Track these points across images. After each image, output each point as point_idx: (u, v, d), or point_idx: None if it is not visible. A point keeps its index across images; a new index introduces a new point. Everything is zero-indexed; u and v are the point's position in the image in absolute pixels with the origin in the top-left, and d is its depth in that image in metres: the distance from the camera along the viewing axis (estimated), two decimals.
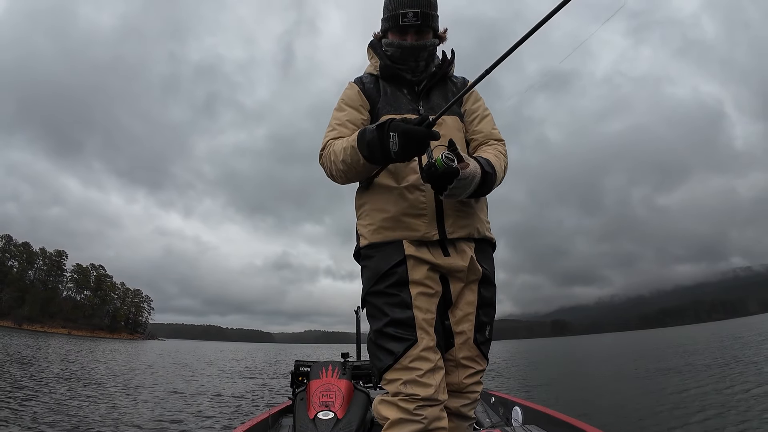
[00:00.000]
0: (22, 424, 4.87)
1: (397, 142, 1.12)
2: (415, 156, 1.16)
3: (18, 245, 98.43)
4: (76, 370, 12.10)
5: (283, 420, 2.89)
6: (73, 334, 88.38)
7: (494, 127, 1.47)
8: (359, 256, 1.39)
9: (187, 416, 5.95)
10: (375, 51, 1.49)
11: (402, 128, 1.11)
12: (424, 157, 1.21)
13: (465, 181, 1.15)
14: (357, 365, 2.81)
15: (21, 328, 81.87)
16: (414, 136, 1.10)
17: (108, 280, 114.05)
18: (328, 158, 1.33)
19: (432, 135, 1.12)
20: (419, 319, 1.22)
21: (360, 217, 1.40)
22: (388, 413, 1.18)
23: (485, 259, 1.37)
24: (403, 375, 1.18)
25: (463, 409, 1.32)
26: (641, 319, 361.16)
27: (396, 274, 1.26)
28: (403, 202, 1.29)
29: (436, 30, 1.43)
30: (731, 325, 60.21)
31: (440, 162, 1.11)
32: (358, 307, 3.59)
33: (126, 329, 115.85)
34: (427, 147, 1.15)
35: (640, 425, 4.94)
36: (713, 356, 12.70)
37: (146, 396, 7.80)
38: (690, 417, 5.00)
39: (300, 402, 2.40)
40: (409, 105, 1.41)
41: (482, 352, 1.33)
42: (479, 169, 1.21)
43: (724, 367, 9.64)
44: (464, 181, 1.15)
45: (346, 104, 1.43)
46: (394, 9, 1.38)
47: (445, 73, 1.47)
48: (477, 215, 1.36)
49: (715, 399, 5.95)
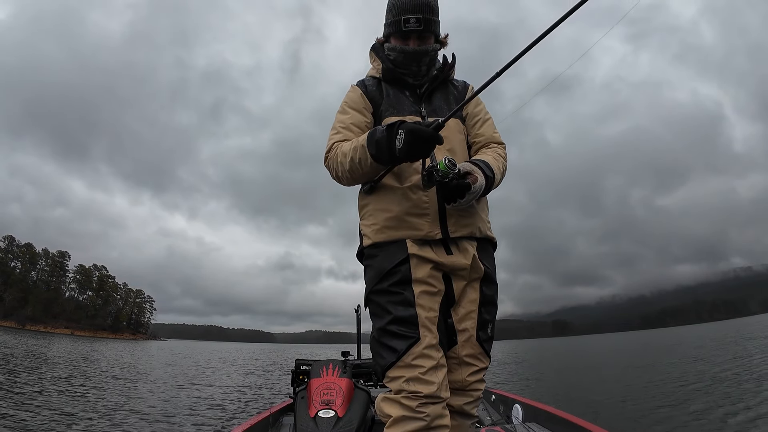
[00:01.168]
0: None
1: (403, 139, 1.15)
2: (420, 157, 1.19)
3: (21, 246, 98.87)
4: (79, 370, 12.16)
5: (284, 419, 2.91)
6: (76, 335, 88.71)
7: (495, 130, 1.50)
8: (363, 256, 1.41)
9: (187, 415, 5.97)
10: (377, 54, 1.52)
11: (410, 127, 1.15)
12: (428, 161, 1.23)
13: (474, 195, 1.22)
14: (357, 364, 2.81)
15: (24, 329, 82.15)
16: (421, 134, 1.13)
17: (110, 280, 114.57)
18: (335, 159, 1.35)
19: (438, 138, 1.15)
20: (422, 317, 1.23)
21: (363, 218, 1.41)
22: (390, 411, 1.19)
23: (487, 258, 1.39)
24: (405, 372, 1.19)
25: (466, 407, 1.33)
26: (642, 319, 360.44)
27: (399, 273, 1.27)
28: (406, 202, 1.31)
29: (437, 35, 1.46)
30: (733, 325, 60.04)
31: (443, 166, 1.14)
32: (359, 305, 3.67)
33: (128, 329, 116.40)
34: (433, 149, 1.18)
35: (641, 423, 4.95)
36: (715, 356, 12.64)
37: (146, 395, 7.82)
38: (691, 417, 5.00)
39: (301, 400, 2.40)
40: (411, 107, 1.43)
41: (485, 349, 1.35)
42: (484, 181, 1.25)
43: (725, 367, 9.61)
44: (473, 195, 1.21)
45: (350, 107, 1.45)
46: (397, 14, 1.41)
47: (446, 77, 1.50)
48: (478, 215, 1.38)
49: (716, 399, 5.92)
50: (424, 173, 1.19)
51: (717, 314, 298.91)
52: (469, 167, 1.25)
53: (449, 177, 1.16)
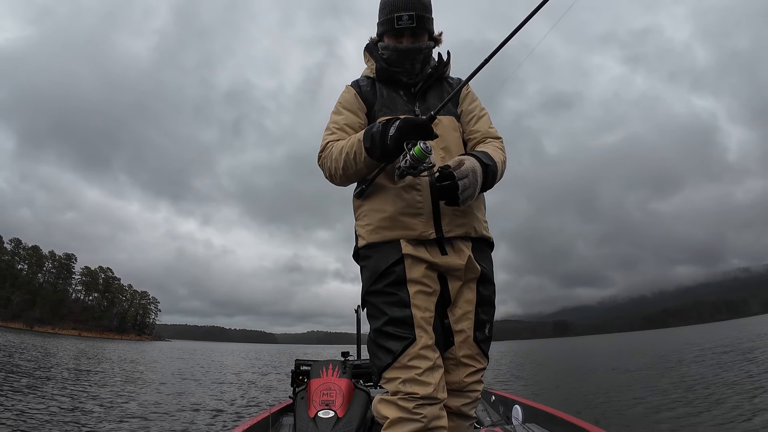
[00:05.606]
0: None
1: (396, 126, 1.16)
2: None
3: (27, 248, 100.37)
4: (81, 369, 12.11)
5: (284, 419, 2.89)
6: (83, 336, 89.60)
7: (491, 126, 1.49)
8: (358, 257, 1.40)
9: (187, 415, 5.95)
10: (371, 54, 1.52)
11: (405, 118, 1.18)
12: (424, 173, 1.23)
13: (468, 178, 1.18)
14: (357, 364, 2.78)
15: (32, 330, 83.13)
16: (413, 121, 1.16)
17: (116, 282, 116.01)
18: (329, 157, 1.36)
19: (429, 127, 1.16)
20: (418, 318, 1.22)
21: (358, 219, 1.41)
22: (387, 412, 1.18)
23: (483, 258, 1.38)
24: (402, 374, 1.18)
25: (464, 408, 1.32)
26: (644, 320, 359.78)
27: (394, 273, 1.26)
28: (400, 202, 1.30)
29: (431, 32, 1.45)
30: (736, 325, 59.37)
31: (418, 149, 1.12)
32: (358, 306, 3.57)
33: (134, 330, 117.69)
34: (424, 137, 1.17)
35: (642, 423, 4.90)
36: (718, 356, 12.62)
37: (147, 395, 7.80)
38: (691, 417, 4.96)
39: (300, 401, 2.39)
40: (405, 106, 1.43)
41: (482, 350, 1.33)
42: (476, 161, 1.23)
43: (728, 367, 9.58)
44: (466, 178, 1.18)
45: (344, 107, 1.46)
46: (390, 12, 1.41)
47: (441, 75, 1.49)
48: (474, 214, 1.36)
49: (719, 399, 5.88)
50: (402, 168, 1.18)
51: (718, 314, 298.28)
52: (456, 159, 1.22)
53: (424, 163, 1.15)
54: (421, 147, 1.12)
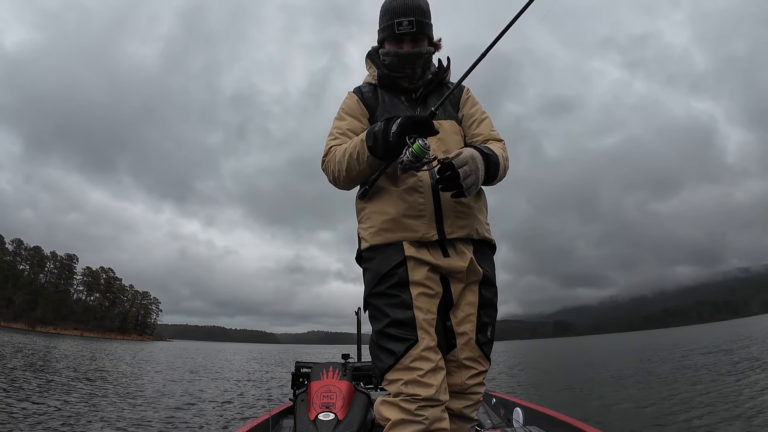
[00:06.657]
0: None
1: (398, 123, 1.18)
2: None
3: (29, 249, 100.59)
4: (82, 370, 12.08)
5: (284, 421, 2.87)
6: (85, 336, 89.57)
7: (493, 128, 1.50)
8: (361, 259, 1.41)
9: (187, 417, 5.93)
10: (373, 61, 1.54)
11: (406, 114, 1.20)
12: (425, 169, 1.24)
13: (468, 165, 1.20)
14: (358, 366, 2.77)
15: (34, 330, 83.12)
16: (414, 117, 1.18)
17: (117, 282, 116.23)
18: (333, 160, 1.37)
19: (430, 123, 1.18)
20: (420, 320, 1.22)
21: (361, 221, 1.42)
22: (389, 414, 1.18)
23: (485, 261, 1.38)
24: (404, 375, 1.18)
25: (466, 411, 1.32)
26: (644, 320, 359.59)
27: (396, 275, 1.27)
28: (402, 204, 1.31)
29: (431, 38, 1.47)
30: (736, 325, 58.88)
31: (417, 146, 1.14)
32: (359, 308, 3.56)
33: (135, 330, 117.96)
34: (424, 134, 1.19)
35: (642, 426, 4.87)
36: (718, 356, 12.57)
37: (147, 396, 7.80)
38: (692, 418, 4.95)
39: (301, 403, 2.37)
40: (406, 111, 1.44)
41: (484, 352, 1.33)
42: (474, 150, 1.25)
43: (730, 367, 9.55)
44: (466, 165, 1.19)
45: (347, 113, 1.47)
46: (390, 19, 1.43)
47: (441, 80, 1.51)
48: (476, 216, 1.37)
49: (719, 399, 5.85)
50: (404, 163, 1.19)
51: (718, 314, 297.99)
52: (455, 152, 1.24)
53: (424, 159, 1.16)
54: (420, 144, 1.14)
